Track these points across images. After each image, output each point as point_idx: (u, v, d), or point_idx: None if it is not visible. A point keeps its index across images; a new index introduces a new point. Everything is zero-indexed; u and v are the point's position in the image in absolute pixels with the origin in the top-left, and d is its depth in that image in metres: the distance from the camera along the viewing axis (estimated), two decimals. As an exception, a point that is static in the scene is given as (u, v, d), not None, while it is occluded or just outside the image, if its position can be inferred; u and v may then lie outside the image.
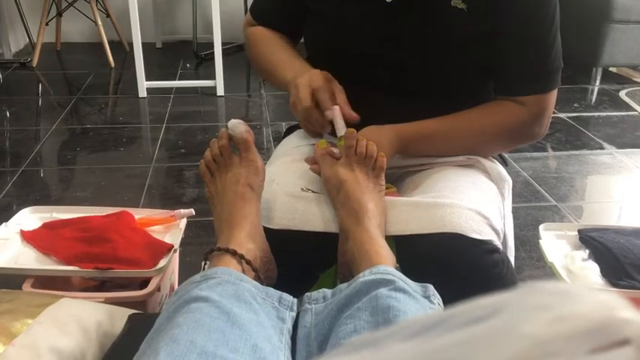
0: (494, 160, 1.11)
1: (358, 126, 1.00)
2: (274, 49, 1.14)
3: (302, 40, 1.18)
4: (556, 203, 2.15)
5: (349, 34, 1.04)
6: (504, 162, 1.17)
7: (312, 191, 0.97)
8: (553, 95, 1.04)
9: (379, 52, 1.03)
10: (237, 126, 0.93)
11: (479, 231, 0.88)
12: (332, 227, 0.92)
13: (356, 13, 1.03)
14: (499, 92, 1.04)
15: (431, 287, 0.74)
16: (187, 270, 1.51)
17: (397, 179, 1.08)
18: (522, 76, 1.02)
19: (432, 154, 1.06)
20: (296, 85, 0.99)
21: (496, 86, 1.04)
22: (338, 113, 0.98)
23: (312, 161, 1.00)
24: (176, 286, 1.48)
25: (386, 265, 0.77)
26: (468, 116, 1.03)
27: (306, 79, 0.99)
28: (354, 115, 0.98)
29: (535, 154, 2.57)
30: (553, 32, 1.00)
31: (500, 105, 1.03)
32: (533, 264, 1.76)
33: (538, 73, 1.02)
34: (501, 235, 0.95)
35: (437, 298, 0.74)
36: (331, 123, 0.99)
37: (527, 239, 1.87)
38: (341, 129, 0.97)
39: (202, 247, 1.77)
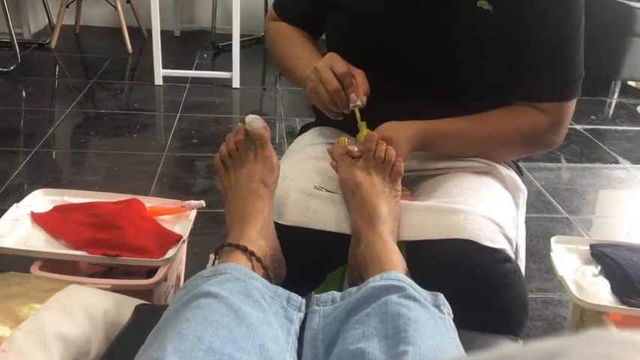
0: (510, 168, 1.11)
1: (378, 122, 0.99)
2: (295, 47, 1.13)
3: (323, 36, 1.18)
4: (567, 215, 2.13)
5: (371, 30, 1.04)
6: (520, 172, 1.16)
7: (326, 190, 0.96)
8: (572, 104, 1.03)
9: (401, 48, 1.02)
10: (254, 121, 0.92)
11: (492, 239, 0.87)
12: (344, 228, 0.91)
13: (379, 9, 1.03)
14: (519, 97, 1.03)
15: (441, 296, 0.74)
16: (194, 261, 1.51)
17: (412, 182, 1.07)
18: (544, 82, 1.01)
19: (449, 153, 1.05)
20: (316, 69, 0.98)
21: (516, 90, 1.03)
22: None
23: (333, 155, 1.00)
24: (182, 277, 1.48)
25: (397, 271, 0.76)
26: (488, 119, 1.03)
27: (325, 62, 0.98)
28: (367, 88, 0.99)
29: (549, 165, 2.55)
30: (578, 41, 0.99)
31: (520, 110, 1.03)
32: (542, 275, 1.75)
33: (559, 81, 1.01)
34: (514, 245, 0.94)
35: (447, 308, 0.73)
36: (353, 113, 0.99)
37: (536, 250, 1.85)
38: (355, 98, 0.97)
39: (210, 238, 1.77)
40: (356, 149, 0.96)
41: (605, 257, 1.32)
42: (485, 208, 0.92)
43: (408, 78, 1.03)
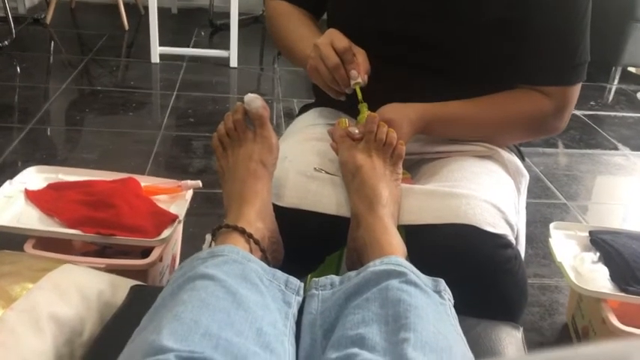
0: (512, 153, 1.09)
1: (379, 104, 0.97)
2: (295, 26, 1.11)
3: (324, 16, 1.15)
4: (566, 201, 2.13)
5: (374, 10, 1.02)
6: (522, 156, 1.15)
7: (326, 172, 0.94)
8: (577, 89, 1.02)
9: (404, 28, 1.00)
10: (253, 100, 0.90)
11: (494, 224, 0.86)
12: (344, 211, 0.90)
13: None
14: (524, 80, 1.01)
15: (442, 282, 0.72)
16: (190, 241, 1.50)
17: (413, 166, 1.05)
18: (549, 66, 0.99)
19: (452, 137, 1.03)
20: (316, 46, 0.96)
21: (521, 74, 1.01)
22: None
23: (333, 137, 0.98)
24: (178, 257, 1.47)
25: (397, 256, 0.75)
26: (492, 102, 1.01)
27: (326, 38, 0.96)
28: (368, 67, 0.96)
29: (548, 150, 2.54)
30: (584, 25, 0.98)
31: (524, 94, 1.01)
32: (539, 261, 1.75)
33: (565, 65, 0.99)
34: (515, 230, 0.92)
35: (447, 294, 0.72)
36: (354, 92, 0.97)
37: (534, 236, 1.85)
38: (356, 74, 0.95)
39: (206, 218, 1.75)
40: (357, 131, 0.94)
41: (604, 244, 1.32)
42: (487, 192, 0.90)
43: (410, 60, 1.01)
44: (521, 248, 0.99)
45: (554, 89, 1.00)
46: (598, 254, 1.30)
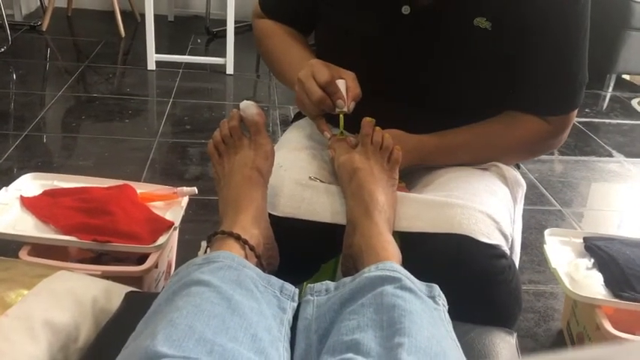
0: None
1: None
2: (284, 49, 1.09)
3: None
4: (560, 208, 2.13)
5: (364, 45, 1.01)
6: (517, 165, 1.15)
7: (321, 181, 0.95)
8: (576, 111, 1.02)
9: (395, 64, 1.00)
10: (249, 107, 0.90)
11: (488, 235, 0.86)
12: (339, 219, 0.90)
13: (372, 25, 0.99)
14: (522, 109, 1.01)
15: (436, 287, 0.73)
16: (185, 248, 1.50)
17: (408, 175, 1.06)
18: (549, 96, 0.99)
19: (451, 164, 1.04)
20: (299, 80, 0.95)
21: (519, 102, 1.01)
22: (343, 86, 0.93)
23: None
24: (173, 264, 1.47)
25: (392, 262, 0.75)
26: (489, 130, 1.01)
27: (307, 71, 0.94)
28: (358, 92, 0.94)
29: (543, 157, 2.55)
30: (584, 49, 0.98)
31: (522, 120, 1.01)
32: (534, 268, 1.75)
33: (566, 94, 1.00)
34: (510, 241, 0.93)
35: (442, 299, 0.72)
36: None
37: (529, 242, 1.85)
38: (342, 104, 0.93)
39: (202, 225, 1.75)
40: (354, 141, 0.95)
41: (598, 250, 1.32)
42: (482, 203, 0.91)
43: (402, 93, 1.01)
44: (516, 257, 0.99)
45: (555, 117, 1.00)
46: (592, 260, 1.31)
